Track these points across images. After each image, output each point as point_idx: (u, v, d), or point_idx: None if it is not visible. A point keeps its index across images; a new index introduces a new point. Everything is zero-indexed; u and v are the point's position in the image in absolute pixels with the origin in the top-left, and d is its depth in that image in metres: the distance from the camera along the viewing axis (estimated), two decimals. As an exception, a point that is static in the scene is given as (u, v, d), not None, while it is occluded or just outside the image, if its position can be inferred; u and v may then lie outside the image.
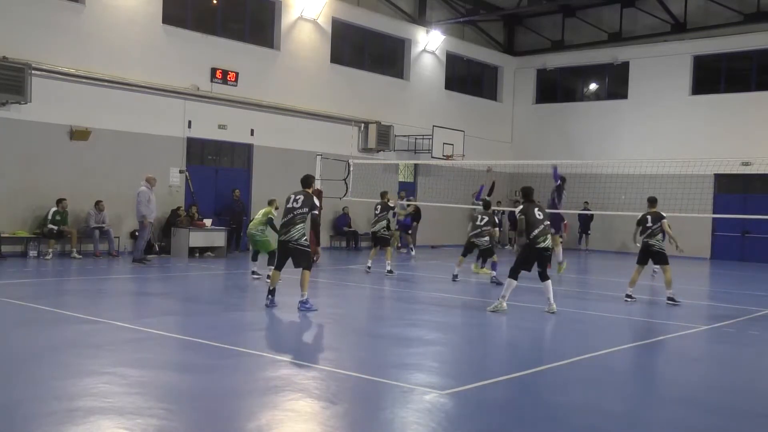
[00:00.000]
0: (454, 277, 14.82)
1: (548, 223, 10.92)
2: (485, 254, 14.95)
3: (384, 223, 15.74)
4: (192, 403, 5.73)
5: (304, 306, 10.13)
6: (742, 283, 17.45)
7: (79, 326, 8.68)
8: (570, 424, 5.61)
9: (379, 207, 15.79)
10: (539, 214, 10.75)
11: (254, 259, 14.40)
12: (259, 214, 14.23)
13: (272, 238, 13.03)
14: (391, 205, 16.36)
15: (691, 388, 7.06)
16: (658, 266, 17.16)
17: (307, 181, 10.60)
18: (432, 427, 5.34)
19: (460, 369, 7.44)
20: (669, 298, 12.49)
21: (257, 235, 13.92)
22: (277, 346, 8.06)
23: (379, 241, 15.87)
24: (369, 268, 15.84)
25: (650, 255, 12.72)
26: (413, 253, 21.20)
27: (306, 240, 10.28)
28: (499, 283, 13.87)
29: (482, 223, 14.52)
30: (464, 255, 14.81)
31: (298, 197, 10.24)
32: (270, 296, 10.41)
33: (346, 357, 7.82)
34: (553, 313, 10.67)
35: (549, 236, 10.78)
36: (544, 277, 10.93)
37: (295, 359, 7.32)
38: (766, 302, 13.64)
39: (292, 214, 10.12)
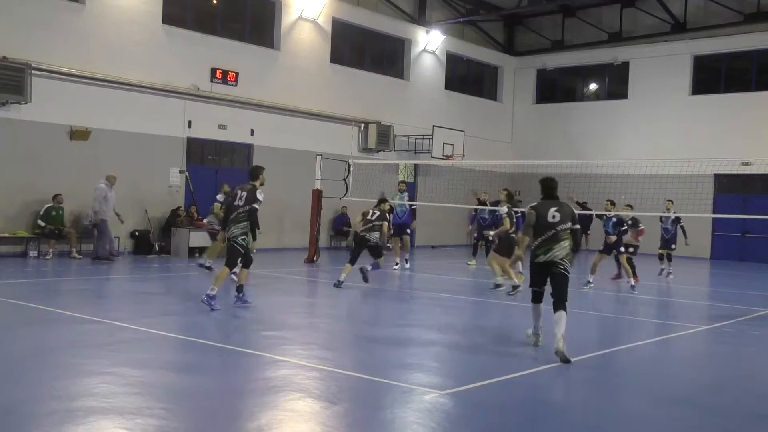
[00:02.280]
0: (339, 283, 13.12)
1: (566, 226, 7.79)
2: (373, 252, 13.43)
3: (377, 234, 13.45)
4: (192, 403, 5.73)
5: (208, 301, 9.87)
6: (742, 283, 17.45)
7: (79, 326, 8.68)
8: (570, 424, 5.61)
9: (376, 213, 13.53)
10: (554, 217, 7.79)
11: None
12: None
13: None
14: (388, 209, 14.54)
15: (691, 388, 7.06)
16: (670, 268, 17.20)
17: (254, 173, 10.40)
18: (432, 427, 5.34)
19: (460, 369, 7.43)
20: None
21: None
22: (277, 346, 8.06)
23: (372, 251, 13.46)
24: (340, 282, 13.22)
25: None
26: (407, 265, 17.20)
27: (243, 239, 10.04)
28: (366, 278, 13.21)
29: (374, 218, 13.45)
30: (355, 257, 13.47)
31: (242, 194, 10.09)
32: (237, 293, 10.36)
33: (346, 357, 7.82)
34: (559, 355, 7.48)
35: (558, 247, 7.74)
36: (557, 306, 7.73)
37: (295, 359, 7.32)
38: (766, 302, 13.64)
39: (235, 212, 10.02)
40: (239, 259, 10.25)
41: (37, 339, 7.89)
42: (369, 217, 13.50)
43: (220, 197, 15.41)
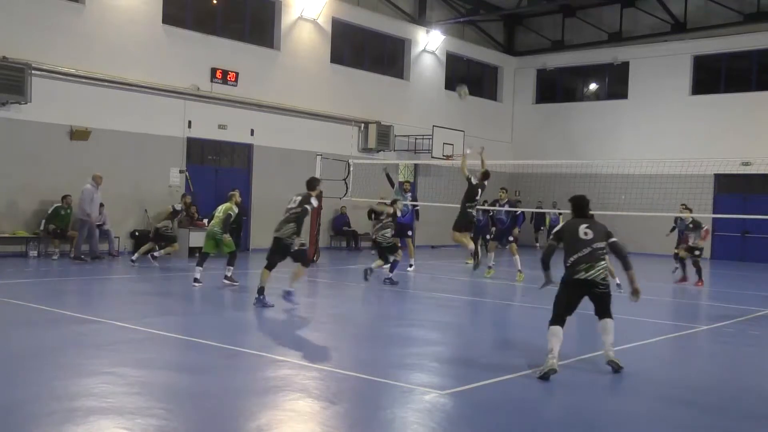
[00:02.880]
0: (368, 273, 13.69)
1: (600, 246, 7.32)
2: (389, 251, 13.64)
3: (389, 231, 13.69)
4: (192, 403, 5.73)
5: (287, 297, 10.42)
6: (742, 283, 17.45)
7: (79, 326, 8.68)
8: (570, 424, 5.61)
9: (297, 200, 12.45)
10: (587, 234, 7.40)
11: (200, 264, 12.76)
12: (219, 211, 13.05)
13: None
14: (398, 211, 14.72)
15: (691, 388, 7.05)
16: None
17: (311, 183, 11.10)
18: (432, 427, 5.34)
19: (460, 369, 7.43)
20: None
21: (218, 233, 12.74)
22: (277, 346, 8.06)
23: (387, 250, 13.71)
24: (371, 270, 13.85)
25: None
26: (412, 266, 17.06)
27: (293, 238, 10.53)
28: (393, 282, 13.54)
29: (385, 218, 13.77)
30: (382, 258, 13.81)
31: (296, 198, 10.70)
32: (259, 295, 10.45)
33: (346, 357, 7.81)
34: (612, 365, 7.31)
35: (600, 266, 7.24)
36: (601, 315, 7.44)
37: (295, 359, 7.32)
38: (766, 302, 13.64)
39: (287, 213, 10.60)
40: (289, 256, 10.69)
41: (37, 339, 7.89)
42: (381, 217, 13.94)
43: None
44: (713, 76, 26.24)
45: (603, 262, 7.34)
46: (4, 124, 15.89)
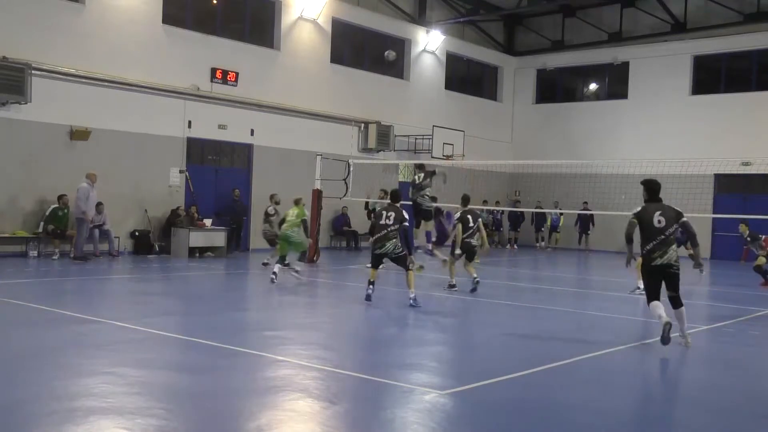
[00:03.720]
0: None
1: (671, 231, 8.21)
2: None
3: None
4: (192, 403, 5.73)
5: (414, 303, 10.95)
6: (742, 283, 17.44)
7: (79, 326, 8.67)
8: (570, 424, 5.61)
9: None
10: (660, 221, 8.20)
11: (283, 262, 13.44)
12: (290, 215, 14.04)
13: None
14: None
15: (691, 388, 7.06)
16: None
17: (394, 196, 11.64)
18: (432, 427, 5.34)
19: (460, 369, 7.43)
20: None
21: (292, 236, 13.75)
22: (277, 346, 8.06)
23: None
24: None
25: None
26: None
27: (400, 248, 11.16)
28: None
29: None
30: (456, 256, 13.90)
31: (389, 214, 11.12)
32: (371, 287, 11.23)
33: (346, 357, 7.81)
34: (687, 346, 8.58)
35: (671, 250, 8.19)
36: (675, 303, 8.47)
37: (295, 359, 7.32)
38: (766, 302, 13.64)
39: (386, 230, 11.05)
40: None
41: (37, 339, 7.89)
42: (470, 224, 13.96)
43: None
44: (713, 76, 26.24)
45: (674, 245, 8.29)
46: (4, 124, 15.89)
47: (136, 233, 18.07)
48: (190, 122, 19.25)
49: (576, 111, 28.77)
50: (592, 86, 29.71)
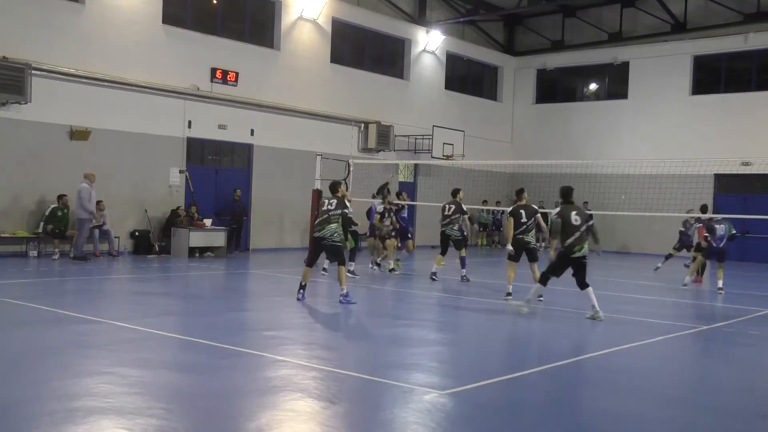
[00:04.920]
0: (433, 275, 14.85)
1: (585, 228, 10.29)
2: (457, 245, 14.96)
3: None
4: (192, 403, 5.73)
5: (344, 299, 11.04)
6: (742, 283, 17.44)
7: (79, 326, 8.67)
8: (570, 424, 5.61)
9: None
10: (576, 219, 10.23)
11: (352, 259, 14.82)
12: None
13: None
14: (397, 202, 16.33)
15: (690, 388, 7.06)
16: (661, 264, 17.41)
17: (333, 188, 11.64)
18: (432, 427, 5.34)
19: (460, 369, 7.43)
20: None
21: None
22: (277, 346, 8.06)
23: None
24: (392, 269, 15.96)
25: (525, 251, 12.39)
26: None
27: (338, 236, 11.25)
28: (467, 280, 14.75)
29: (450, 212, 14.68)
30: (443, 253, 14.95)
31: (332, 201, 11.29)
32: (301, 290, 11.28)
33: (346, 357, 7.82)
34: (599, 320, 10.28)
35: (586, 244, 10.28)
36: (582, 285, 10.44)
37: (295, 359, 7.32)
38: (766, 302, 13.64)
39: (327, 215, 11.18)
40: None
41: (37, 339, 7.89)
42: (446, 212, 14.64)
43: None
44: (713, 76, 26.24)
45: (586, 241, 10.25)
46: (4, 124, 15.89)
47: (136, 233, 18.07)
48: (190, 122, 19.25)
49: (576, 111, 28.77)
50: (592, 86, 29.71)
